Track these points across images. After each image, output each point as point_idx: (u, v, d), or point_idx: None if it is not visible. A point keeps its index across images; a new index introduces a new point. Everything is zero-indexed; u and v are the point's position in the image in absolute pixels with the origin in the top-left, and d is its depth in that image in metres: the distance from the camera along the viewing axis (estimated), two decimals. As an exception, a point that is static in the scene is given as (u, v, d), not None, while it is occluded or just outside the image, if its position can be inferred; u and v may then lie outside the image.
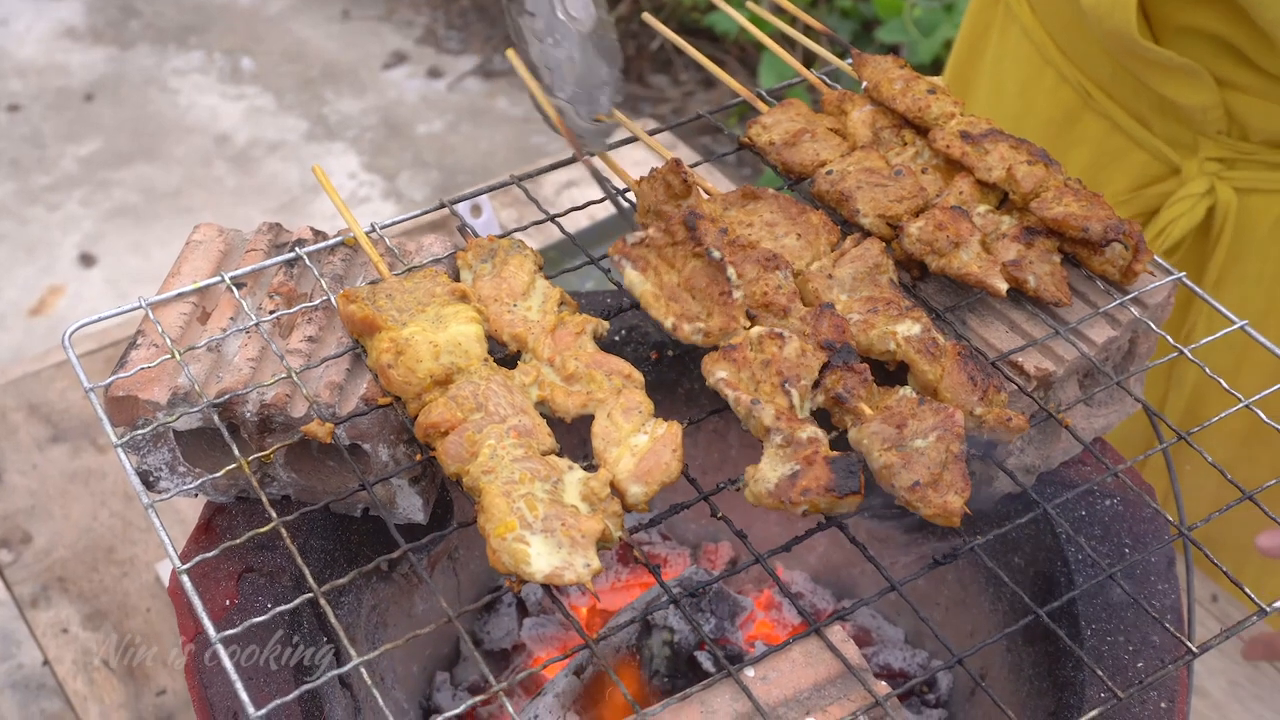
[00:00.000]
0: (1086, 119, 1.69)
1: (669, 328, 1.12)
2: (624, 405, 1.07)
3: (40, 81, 4.54)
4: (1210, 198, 1.60)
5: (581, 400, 1.08)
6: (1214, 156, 1.60)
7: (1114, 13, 1.50)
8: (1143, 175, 1.67)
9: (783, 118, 1.36)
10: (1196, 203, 1.60)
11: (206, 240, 1.25)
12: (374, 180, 4.19)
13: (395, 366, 1.08)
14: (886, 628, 1.48)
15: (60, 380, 2.03)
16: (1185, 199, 1.61)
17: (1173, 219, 1.62)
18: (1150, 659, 1.15)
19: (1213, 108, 1.55)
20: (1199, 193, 1.60)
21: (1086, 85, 1.67)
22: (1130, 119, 1.65)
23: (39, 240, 3.93)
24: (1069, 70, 1.69)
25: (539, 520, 0.98)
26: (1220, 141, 1.58)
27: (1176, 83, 1.54)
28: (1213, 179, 1.60)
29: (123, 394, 1.11)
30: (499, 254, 1.20)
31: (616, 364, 1.10)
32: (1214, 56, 1.52)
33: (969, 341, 1.17)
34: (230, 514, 1.20)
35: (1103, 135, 1.68)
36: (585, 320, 1.14)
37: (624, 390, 1.08)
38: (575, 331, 1.13)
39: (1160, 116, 1.62)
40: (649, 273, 1.15)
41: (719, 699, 0.97)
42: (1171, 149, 1.63)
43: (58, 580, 1.78)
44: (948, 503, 1.00)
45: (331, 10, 4.99)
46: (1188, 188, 1.61)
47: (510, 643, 1.43)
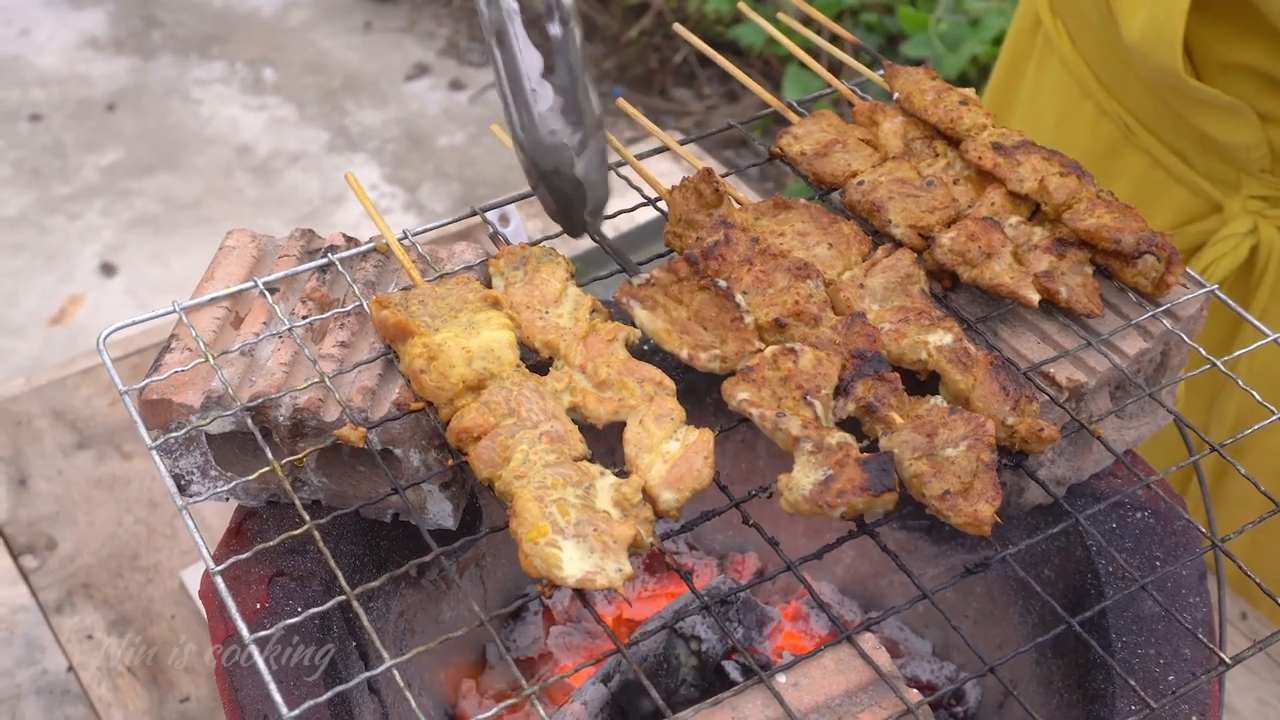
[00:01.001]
0: (1126, 153, 1.69)
1: (685, 358, 1.13)
2: (656, 412, 1.08)
3: (62, 91, 4.59)
4: (1253, 237, 1.60)
5: (613, 407, 1.10)
6: (1257, 195, 1.59)
7: (1159, 48, 1.49)
8: (1184, 212, 1.67)
9: (814, 128, 1.37)
10: (1240, 242, 1.60)
11: (240, 246, 1.27)
12: (395, 192, 4.22)
13: (428, 372, 1.09)
14: (914, 640, 1.48)
15: (86, 387, 2.05)
16: (1228, 238, 1.60)
17: (1215, 258, 1.61)
18: (1181, 672, 1.16)
19: (1256, 145, 1.54)
20: (1242, 232, 1.60)
21: (1127, 119, 1.66)
22: (1171, 155, 1.64)
23: (59, 250, 3.96)
24: (1109, 104, 1.68)
25: (571, 525, 0.99)
26: (1263, 180, 1.58)
27: (1220, 120, 1.54)
28: (1256, 218, 1.60)
29: (157, 397, 1.12)
30: (531, 261, 1.21)
31: (648, 371, 1.12)
32: (1259, 93, 1.51)
33: (1000, 352, 1.18)
34: (261, 518, 1.21)
35: (1143, 171, 1.68)
36: (617, 328, 1.15)
37: (655, 397, 1.10)
38: (607, 339, 1.14)
39: (1202, 153, 1.61)
40: (658, 310, 1.17)
41: (750, 705, 0.98)
42: (1213, 186, 1.62)
43: (82, 586, 1.80)
44: (978, 511, 1.01)
45: (353, 21, 5.03)
46: (1230, 227, 1.61)
47: (537, 651, 1.44)
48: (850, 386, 1.09)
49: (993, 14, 3.86)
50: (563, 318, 1.17)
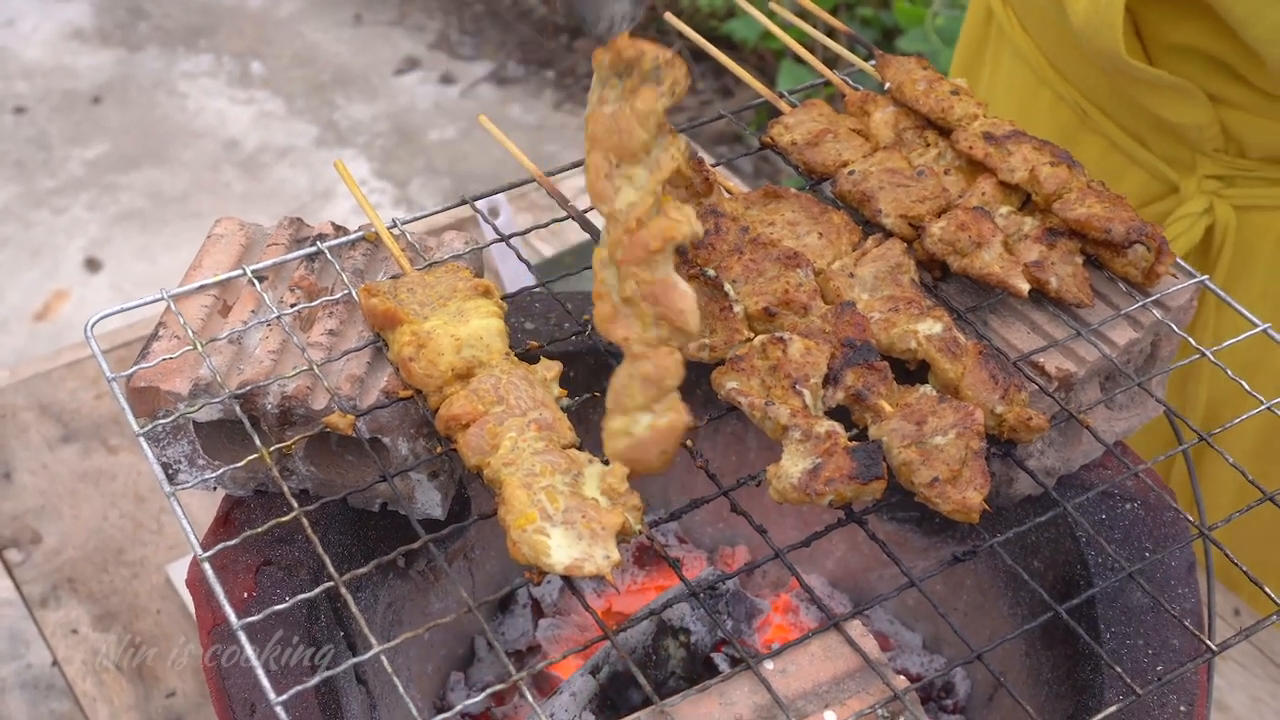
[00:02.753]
0: (1084, 138, 1.72)
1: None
2: (648, 371, 1.02)
3: (47, 83, 4.60)
4: (1209, 216, 1.63)
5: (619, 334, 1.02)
6: (1212, 174, 1.62)
7: (1101, 32, 1.52)
8: (1142, 194, 1.70)
9: (805, 118, 1.39)
10: (1195, 222, 1.63)
11: (228, 234, 1.29)
12: (385, 187, 4.24)
13: (417, 360, 1.11)
14: (904, 633, 1.50)
15: (71, 380, 2.07)
16: (1184, 218, 1.63)
17: (1172, 238, 1.64)
18: (1170, 662, 1.17)
19: (1208, 125, 1.57)
20: (1197, 212, 1.62)
21: (1083, 104, 1.70)
22: (1128, 137, 1.68)
23: (44, 244, 3.97)
24: (1065, 90, 1.71)
25: (559, 512, 1.01)
26: (1218, 159, 1.61)
27: (1170, 102, 1.56)
28: (1211, 197, 1.62)
29: (144, 384, 1.14)
30: (635, 77, 1.01)
31: (675, 301, 0.99)
32: (1206, 74, 1.54)
33: (990, 342, 1.19)
34: (249, 507, 1.23)
35: (1100, 154, 1.71)
36: (669, 232, 0.99)
37: (660, 350, 1.01)
38: (653, 246, 1.00)
39: (1157, 135, 1.64)
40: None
41: (738, 691, 0.99)
42: (1170, 167, 1.65)
43: (67, 581, 1.82)
44: (966, 498, 1.03)
45: (343, 14, 5.05)
46: (1185, 207, 1.64)
47: (525, 644, 1.45)
48: (840, 375, 1.11)
49: (989, 8, 3.87)
50: (626, 188, 1.00)
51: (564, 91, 4.66)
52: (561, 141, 4.39)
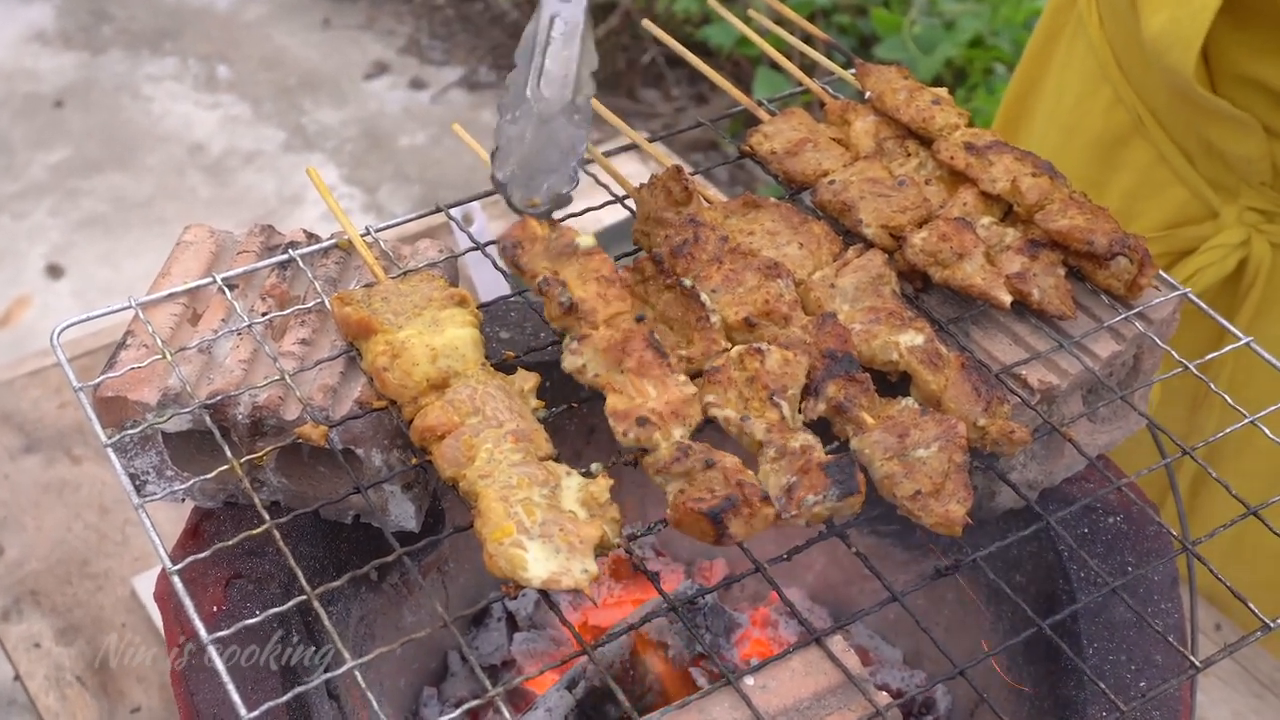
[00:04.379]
0: (1134, 144, 1.71)
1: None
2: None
3: (8, 86, 4.57)
4: (1244, 249, 1.62)
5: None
6: (1254, 206, 1.61)
7: (1174, 50, 1.50)
8: (1180, 213, 1.69)
9: (784, 127, 1.40)
10: (1229, 253, 1.62)
11: (197, 241, 1.28)
12: (354, 193, 4.22)
13: (391, 370, 1.11)
14: (885, 648, 1.51)
15: (34, 389, 2.05)
16: (1219, 248, 1.62)
17: (1202, 266, 1.63)
18: (1153, 679, 1.18)
19: (1259, 159, 1.56)
20: (1233, 243, 1.62)
21: (1139, 110, 1.68)
22: (1177, 152, 1.66)
23: (4, 250, 3.95)
24: (1125, 92, 1.70)
25: (537, 525, 1.01)
26: (1262, 192, 1.60)
27: (1226, 130, 1.56)
28: (1250, 230, 1.62)
29: (112, 394, 1.13)
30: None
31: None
32: (1269, 109, 1.53)
33: (972, 354, 1.20)
34: (218, 519, 1.22)
35: (1148, 164, 1.70)
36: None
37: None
38: None
39: (1206, 157, 1.63)
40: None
41: (718, 707, 1.00)
42: (1213, 190, 1.64)
43: (30, 593, 1.80)
44: (949, 511, 1.03)
45: (311, 18, 5.03)
46: (1223, 236, 1.63)
47: (500, 658, 1.45)
48: (821, 387, 1.11)
49: (968, 16, 3.90)
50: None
51: (537, 97, 4.66)
52: (534, 148, 4.39)
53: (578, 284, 1.15)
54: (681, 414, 1.08)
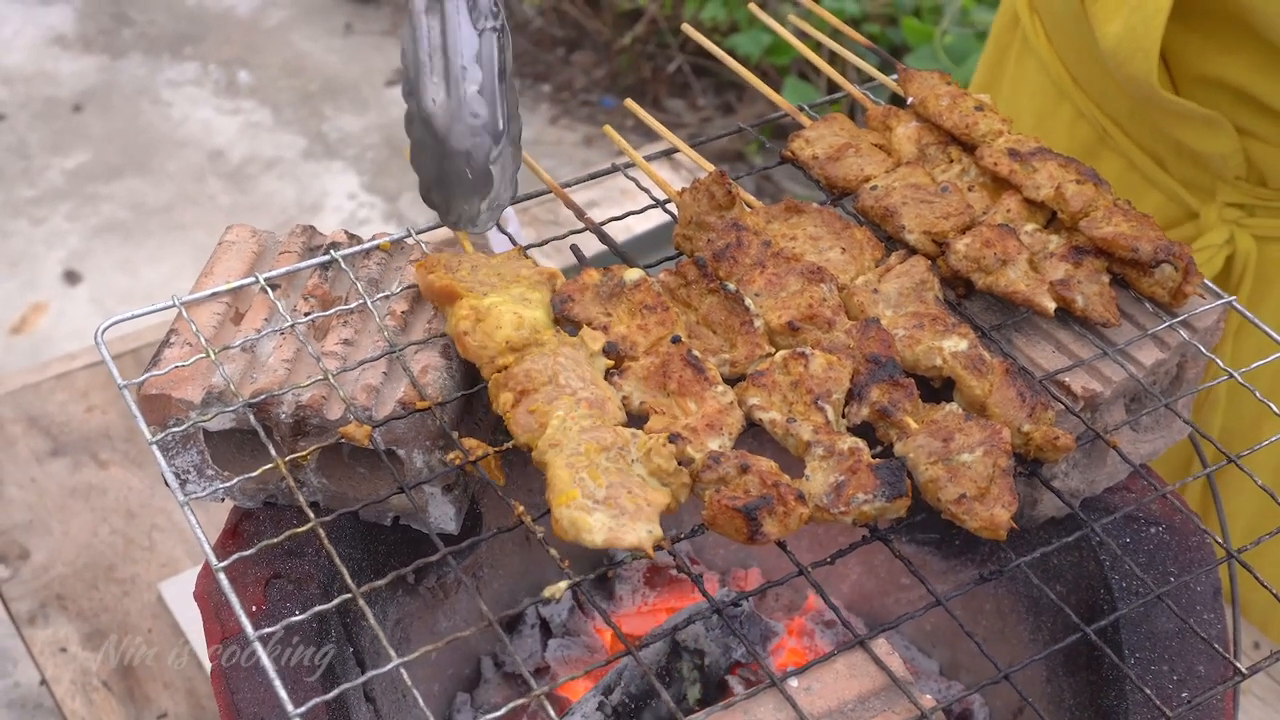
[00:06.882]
0: (1103, 156, 1.74)
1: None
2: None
3: (28, 90, 4.62)
4: (1229, 247, 1.65)
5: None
6: (1233, 202, 1.64)
7: (1134, 59, 1.53)
8: (1160, 217, 1.71)
9: (826, 132, 1.42)
10: (1215, 253, 1.65)
11: (240, 241, 1.31)
12: (375, 201, 4.26)
13: (473, 333, 1.14)
14: (921, 659, 1.52)
15: (61, 393, 2.09)
16: (1205, 249, 1.65)
17: None
18: (1195, 689, 1.20)
19: (1233, 154, 1.59)
20: (1218, 243, 1.65)
21: (1103, 122, 1.72)
22: (1148, 159, 1.70)
23: (22, 255, 3.98)
24: (1086, 106, 1.73)
25: (603, 489, 1.03)
26: (1239, 187, 1.63)
27: (1196, 130, 1.58)
28: (1232, 227, 1.65)
29: (156, 392, 1.16)
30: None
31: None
32: (1234, 106, 1.56)
33: (1015, 360, 1.22)
34: (258, 519, 1.25)
35: (1119, 174, 1.73)
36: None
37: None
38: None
39: (1177, 159, 1.66)
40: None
41: (763, 709, 1.02)
42: (1189, 192, 1.67)
43: (56, 598, 1.83)
44: (994, 515, 1.05)
45: (333, 23, 5.08)
46: (1207, 237, 1.65)
47: (533, 665, 1.47)
48: (865, 391, 1.14)
49: (1000, 26, 3.91)
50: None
51: (560, 106, 4.69)
52: (557, 157, 4.42)
53: (625, 319, 1.19)
54: (717, 424, 1.10)
